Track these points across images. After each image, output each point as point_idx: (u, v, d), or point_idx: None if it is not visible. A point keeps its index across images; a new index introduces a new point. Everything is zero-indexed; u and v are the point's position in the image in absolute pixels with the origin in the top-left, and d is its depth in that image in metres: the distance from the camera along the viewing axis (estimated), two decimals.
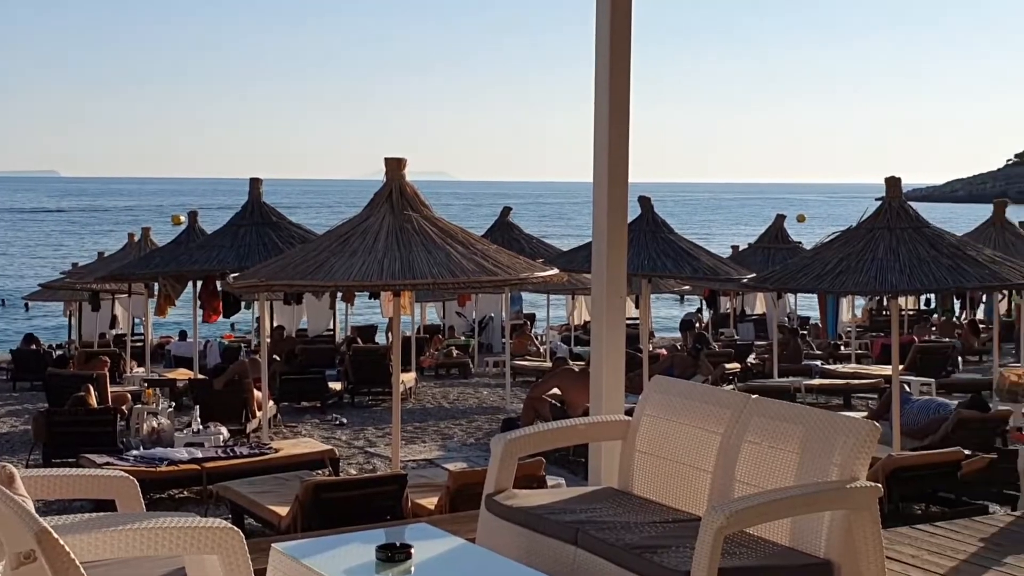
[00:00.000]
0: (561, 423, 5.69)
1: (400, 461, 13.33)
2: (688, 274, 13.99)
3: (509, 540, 4.93)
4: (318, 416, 17.23)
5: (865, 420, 4.55)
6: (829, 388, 18.35)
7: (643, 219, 13.97)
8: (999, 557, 6.14)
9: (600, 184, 5.89)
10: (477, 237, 9.32)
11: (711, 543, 4.04)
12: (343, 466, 12.85)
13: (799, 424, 4.67)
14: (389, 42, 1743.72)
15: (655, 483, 5.26)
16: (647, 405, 5.41)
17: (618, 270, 5.96)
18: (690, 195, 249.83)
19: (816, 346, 25.88)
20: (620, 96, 5.84)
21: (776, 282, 10.38)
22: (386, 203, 9.15)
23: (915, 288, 9.75)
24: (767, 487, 4.60)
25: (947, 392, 18.18)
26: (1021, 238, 16.59)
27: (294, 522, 8.53)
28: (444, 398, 19.38)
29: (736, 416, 4.96)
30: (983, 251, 10.29)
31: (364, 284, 8.62)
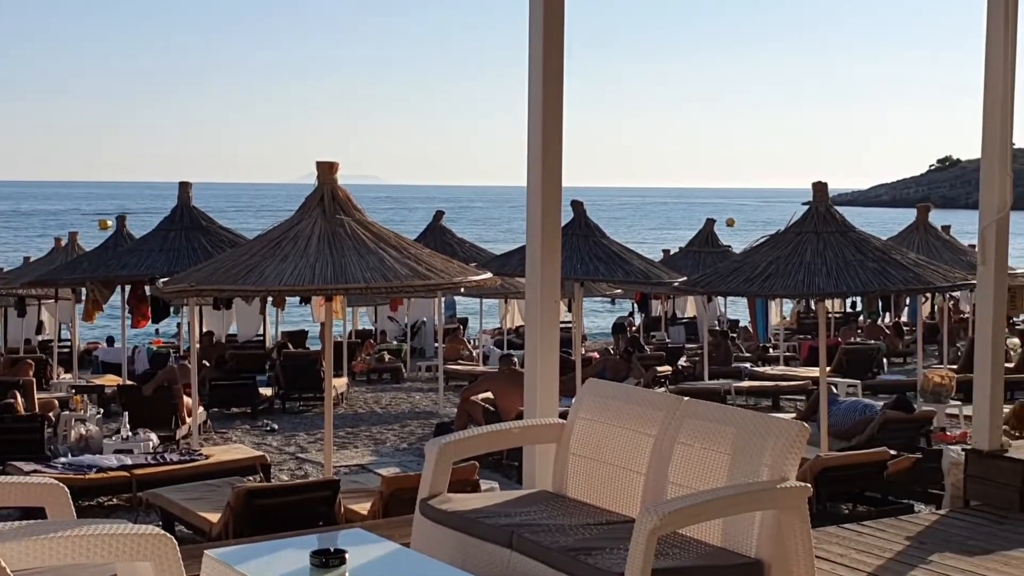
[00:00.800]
0: (495, 427, 5.72)
1: (332, 467, 13.29)
2: (621, 278, 14.10)
3: (444, 544, 4.94)
4: (249, 422, 17.07)
5: (795, 421, 4.62)
6: (758, 390, 18.59)
7: (575, 223, 14.05)
8: (924, 555, 6.26)
9: (534, 188, 5.92)
10: (410, 241, 9.32)
11: (644, 544, 4.08)
12: (275, 472, 12.76)
13: (731, 425, 4.74)
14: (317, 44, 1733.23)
15: (589, 486, 5.30)
16: (581, 408, 5.45)
17: (553, 273, 5.99)
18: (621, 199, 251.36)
19: (745, 348, 26.18)
20: (553, 101, 5.87)
21: (707, 285, 10.52)
22: (318, 207, 9.13)
23: (841, 291, 9.94)
24: (699, 488, 4.66)
25: (873, 393, 18.51)
26: (944, 242, 16.97)
27: (225, 529, 8.45)
28: (376, 403, 19.31)
29: (669, 418, 5.01)
30: (907, 254, 10.52)
31: (296, 289, 8.58)
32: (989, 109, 7.18)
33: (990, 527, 6.86)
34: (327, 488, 8.72)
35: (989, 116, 7.19)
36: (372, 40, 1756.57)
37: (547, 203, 5.90)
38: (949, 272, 10.49)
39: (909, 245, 15.66)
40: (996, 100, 7.14)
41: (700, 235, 21.86)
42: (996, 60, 7.13)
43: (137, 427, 12.55)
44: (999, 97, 7.13)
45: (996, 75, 7.14)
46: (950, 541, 6.54)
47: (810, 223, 10.48)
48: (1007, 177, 7.11)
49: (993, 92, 7.16)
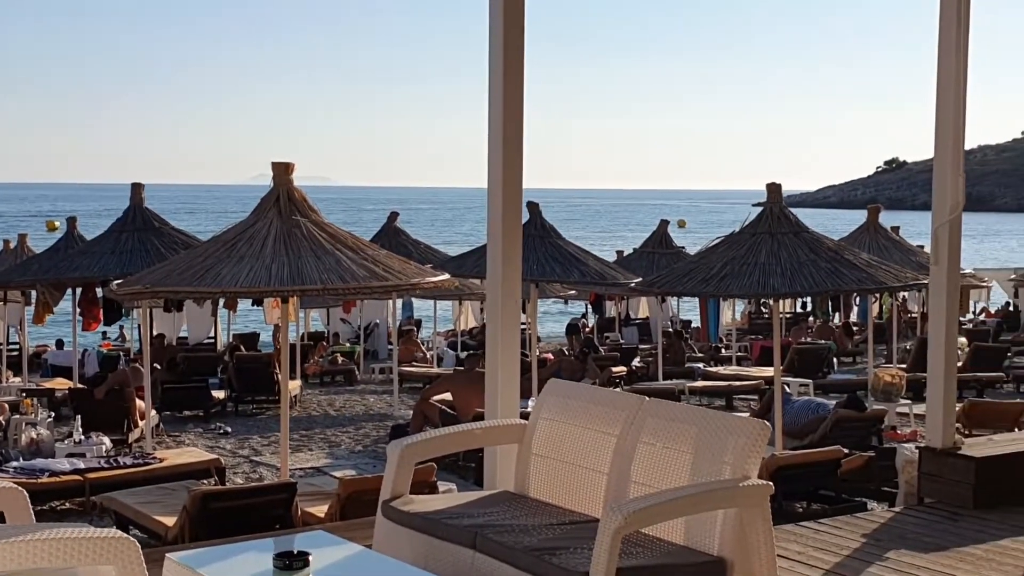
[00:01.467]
0: (458, 428, 5.71)
1: (288, 469, 13.21)
2: (576, 279, 14.14)
3: (407, 546, 4.93)
4: (201, 425, 16.93)
5: (756, 420, 4.66)
6: (712, 390, 18.71)
7: (531, 224, 14.06)
8: (881, 552, 6.33)
9: (495, 189, 5.92)
10: (367, 242, 9.30)
11: (609, 543, 4.10)
12: (229, 476, 12.65)
13: (692, 424, 4.76)
14: (268, 44, 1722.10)
15: (551, 486, 5.30)
16: (543, 408, 5.46)
17: (513, 274, 5.99)
18: (573, 201, 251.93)
19: (698, 349, 26.35)
20: (513, 102, 5.88)
21: (663, 286, 10.57)
22: (273, 208, 9.08)
23: (796, 291, 10.04)
24: (662, 487, 4.68)
25: (824, 392, 18.68)
26: (894, 242, 17.17)
27: (181, 532, 8.39)
28: (330, 405, 19.22)
29: (631, 418, 5.03)
30: (860, 255, 10.63)
31: (252, 291, 8.53)
32: (942, 111, 7.28)
33: (944, 524, 6.96)
34: (284, 491, 8.68)
35: (941, 118, 7.29)
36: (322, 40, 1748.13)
37: (507, 204, 5.91)
38: (901, 272, 10.62)
39: (860, 245, 15.82)
40: (948, 102, 7.24)
41: (654, 236, 21.96)
42: (948, 62, 7.22)
43: (89, 431, 12.40)
44: (951, 99, 7.22)
45: (948, 77, 7.24)
46: (906, 538, 6.62)
47: (764, 224, 10.56)
48: (959, 178, 7.20)
49: (945, 94, 7.26)
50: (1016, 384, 21.23)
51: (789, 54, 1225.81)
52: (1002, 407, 14.34)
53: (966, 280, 25.72)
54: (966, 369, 20.46)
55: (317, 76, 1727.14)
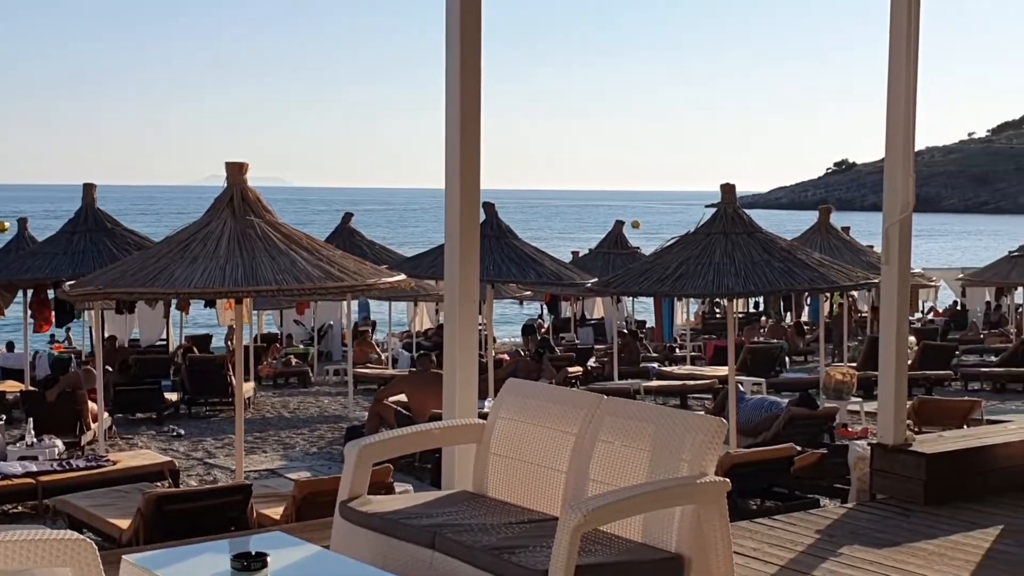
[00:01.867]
0: (416, 428, 5.70)
1: (242, 471, 13.13)
2: (533, 279, 14.17)
3: (365, 546, 4.92)
4: (154, 428, 16.80)
5: (713, 418, 4.70)
6: (666, 389, 18.81)
7: (487, 225, 14.08)
8: (834, 548, 6.40)
9: (452, 190, 5.93)
10: (322, 243, 9.27)
11: (568, 542, 4.12)
12: (183, 478, 12.57)
13: (650, 423, 4.80)
14: (222, 44, 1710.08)
15: (510, 485, 5.32)
16: (501, 408, 5.47)
17: (471, 274, 6.00)
18: (531, 202, 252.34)
19: (652, 349, 26.49)
20: (471, 103, 5.88)
21: (619, 286, 10.62)
22: (227, 208, 9.03)
23: (750, 291, 10.13)
24: (620, 485, 4.71)
25: (776, 391, 18.86)
26: (844, 242, 17.38)
27: (136, 535, 8.33)
28: (284, 407, 19.12)
29: (589, 416, 5.05)
30: (812, 255, 10.74)
31: (206, 291, 8.48)
32: (892, 113, 7.38)
33: (896, 520, 7.04)
34: (239, 492, 8.64)
35: (892, 120, 7.38)
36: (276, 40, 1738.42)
37: (465, 204, 5.91)
38: (852, 271, 10.74)
39: (812, 246, 16.00)
40: (899, 105, 7.34)
41: (609, 237, 22.06)
42: (899, 65, 7.32)
43: (41, 433, 12.27)
44: (902, 102, 7.32)
45: (899, 80, 7.34)
46: (858, 534, 6.70)
47: (719, 224, 10.65)
48: (909, 178, 7.30)
49: (896, 97, 7.35)
50: (964, 382, 21.53)
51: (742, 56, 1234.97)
52: (951, 404, 14.56)
53: (915, 280, 26.09)
54: (915, 368, 20.73)
55: (272, 77, 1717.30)
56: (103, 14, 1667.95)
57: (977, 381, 21.69)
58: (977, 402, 14.38)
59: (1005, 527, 6.85)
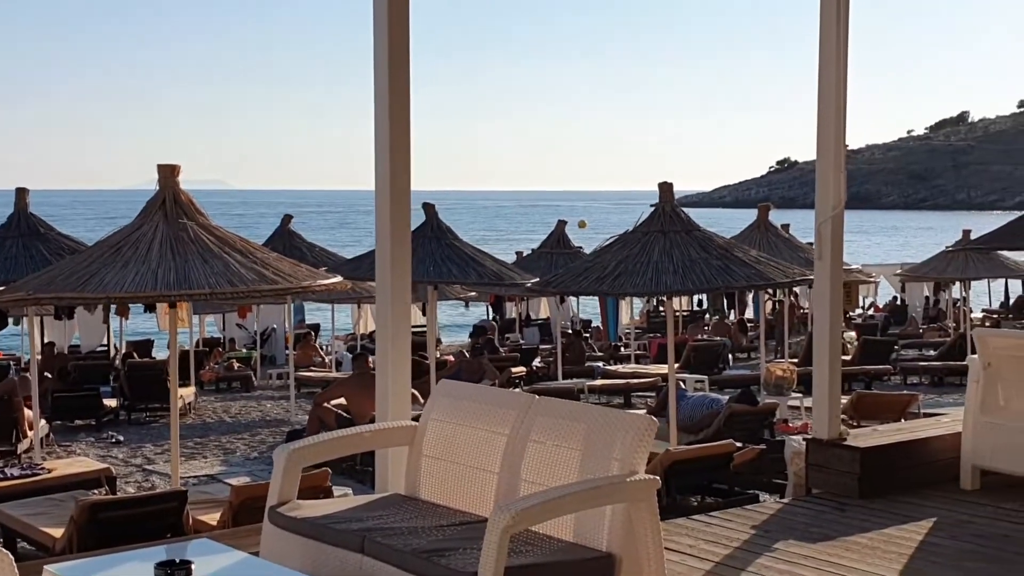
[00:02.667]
0: (346, 431, 5.64)
1: (181, 477, 12.97)
2: (474, 280, 14.13)
3: (294, 552, 4.86)
4: (93, 434, 16.59)
5: (643, 415, 4.69)
6: (611, 388, 18.86)
7: (427, 226, 14.02)
8: (770, 543, 6.44)
9: (382, 192, 5.87)
10: (257, 245, 9.16)
11: (497, 543, 4.09)
12: (121, 485, 12.41)
13: (581, 422, 4.78)
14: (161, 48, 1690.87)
15: (442, 487, 5.28)
16: (434, 409, 5.43)
17: (403, 276, 5.95)
18: (479, 203, 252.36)
19: (598, 348, 26.56)
20: (400, 104, 5.84)
21: (559, 285, 10.62)
22: (159, 211, 8.90)
23: (688, 288, 10.16)
24: (552, 485, 4.69)
25: (719, 388, 18.96)
26: (783, 239, 17.51)
27: (70, 543, 8.19)
28: (226, 412, 18.94)
29: (521, 416, 5.03)
30: (749, 252, 10.80)
31: (137, 296, 8.34)
32: (823, 111, 7.43)
33: (831, 514, 7.10)
34: (174, 499, 8.52)
35: (824, 118, 7.43)
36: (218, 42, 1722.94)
37: (395, 205, 5.86)
38: (788, 268, 10.82)
39: (751, 243, 16.07)
40: (830, 102, 7.39)
41: (552, 237, 22.09)
42: (829, 64, 7.38)
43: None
44: (832, 99, 7.38)
45: (829, 78, 7.39)
46: (794, 529, 6.74)
47: (657, 223, 10.67)
48: (841, 175, 7.35)
49: (827, 94, 7.41)
50: (903, 376, 21.79)
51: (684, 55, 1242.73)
52: (889, 399, 14.72)
53: (854, 275, 26.37)
54: (855, 362, 20.97)
55: (214, 80, 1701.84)
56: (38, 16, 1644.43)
57: (916, 375, 21.97)
58: (915, 396, 14.55)
59: (938, 520, 6.93)
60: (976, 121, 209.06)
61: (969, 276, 23.22)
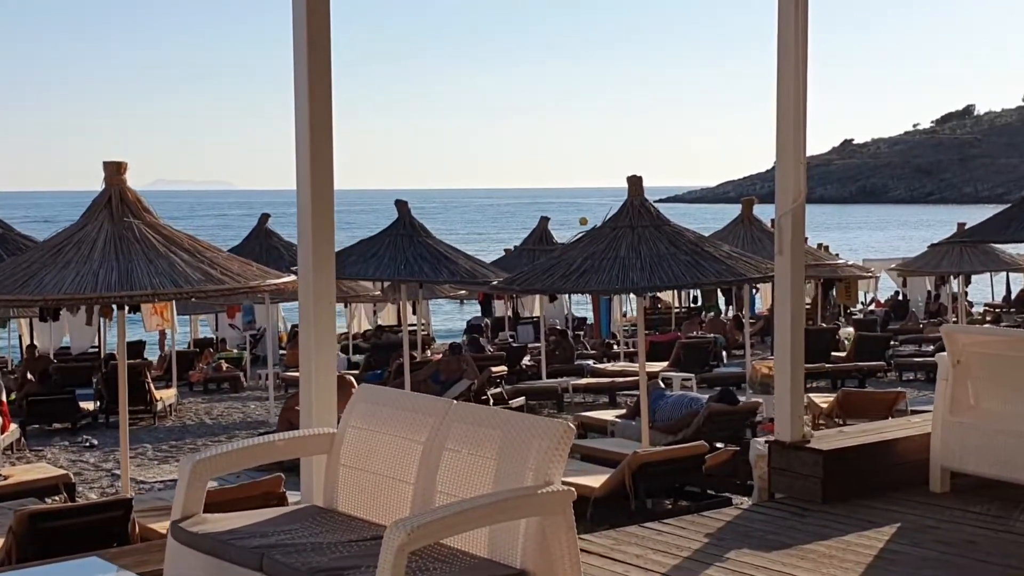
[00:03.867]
0: (258, 440, 5.32)
1: (148, 482, 12.71)
2: (445, 278, 13.83)
3: (197, 569, 4.58)
4: (69, 438, 16.30)
5: (559, 421, 4.38)
6: (595, 387, 18.54)
7: (399, 223, 13.72)
8: (722, 552, 6.12)
9: (303, 185, 5.57)
10: (208, 244, 8.87)
11: (392, 562, 3.80)
12: (84, 491, 12.14)
13: (497, 429, 4.48)
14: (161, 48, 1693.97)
15: (360, 498, 4.98)
16: (352, 416, 5.13)
17: (327, 275, 5.64)
18: (480, 201, 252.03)
19: (591, 345, 26.20)
20: (321, 104, 5.53)
21: (523, 283, 10.30)
22: (104, 210, 8.64)
23: (655, 285, 9.84)
24: (466, 495, 4.39)
25: (708, 386, 18.62)
26: (768, 234, 17.18)
27: (8, 555, 7.90)
28: (207, 414, 18.66)
29: (438, 424, 4.73)
30: (721, 247, 10.46)
31: (76, 297, 8.07)
32: (783, 101, 7.12)
33: (791, 520, 6.78)
34: (119, 508, 8.23)
35: (783, 107, 7.12)
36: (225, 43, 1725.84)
37: (317, 200, 5.55)
38: (761, 264, 10.47)
39: (735, 238, 15.77)
40: (789, 91, 7.08)
41: (534, 234, 21.78)
42: (787, 49, 7.07)
43: None
44: (791, 87, 7.06)
45: (788, 65, 7.08)
46: (750, 537, 6.42)
47: (625, 218, 10.34)
48: (800, 166, 7.04)
49: (785, 83, 7.10)
50: (899, 372, 21.42)
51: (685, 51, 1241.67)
52: (875, 396, 14.40)
53: (851, 271, 26.03)
54: (850, 359, 20.61)
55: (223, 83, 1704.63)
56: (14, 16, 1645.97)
57: (911, 371, 21.61)
58: (901, 393, 14.22)
59: (902, 525, 6.62)
60: (982, 114, 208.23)
61: (965, 270, 22.85)
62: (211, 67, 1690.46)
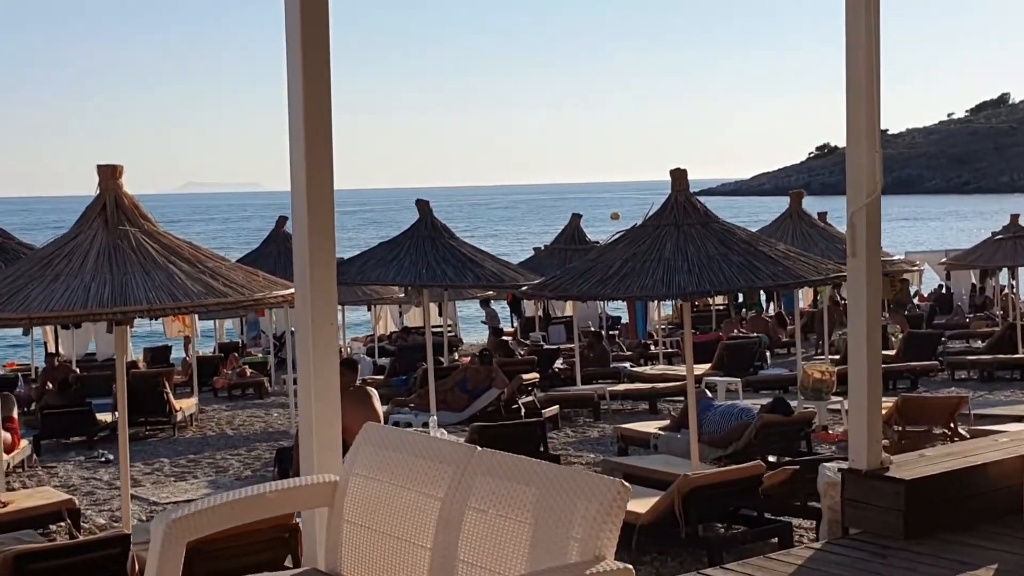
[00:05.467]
0: (243, 493, 4.47)
1: (161, 503, 11.95)
2: (470, 282, 12.97)
3: None
4: (84, 452, 15.59)
5: (612, 480, 3.52)
6: (634, 393, 17.61)
7: (420, 224, 12.89)
8: None
9: (299, 196, 4.73)
10: (210, 253, 8.07)
11: None
12: (92, 515, 11.39)
13: (531, 485, 3.63)
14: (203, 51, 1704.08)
15: (368, 563, 4.15)
16: (357, 461, 4.31)
17: (327, 293, 4.82)
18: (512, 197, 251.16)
19: (626, 346, 25.26)
20: (319, 103, 4.71)
21: (557, 289, 9.41)
22: (99, 218, 7.86)
23: (705, 289, 8.93)
24: (495, 568, 3.55)
25: (754, 390, 17.68)
26: (818, 229, 16.24)
27: None
28: (229, 424, 17.92)
29: (459, 475, 3.89)
30: (776, 246, 9.54)
31: (64, 315, 7.29)
32: (853, 84, 6.26)
33: (871, 561, 5.92)
34: (115, 545, 7.45)
35: (853, 91, 6.27)
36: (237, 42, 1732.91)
37: (314, 204, 4.72)
38: (820, 264, 9.55)
39: (783, 234, 14.85)
40: (860, 74, 6.22)
41: (565, 232, 20.86)
42: (857, 32, 6.19)
43: None
44: (863, 70, 6.19)
45: (858, 48, 6.21)
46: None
47: (669, 215, 9.42)
48: (876, 155, 6.14)
49: (856, 67, 6.24)
50: (950, 372, 20.40)
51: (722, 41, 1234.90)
52: (936, 402, 13.44)
53: (898, 266, 24.93)
54: (898, 359, 19.57)
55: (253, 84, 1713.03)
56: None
57: (964, 369, 20.58)
58: (963, 398, 13.25)
59: (1000, 565, 5.74)
60: (1017, 103, 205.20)
61: (1019, 263, 21.78)
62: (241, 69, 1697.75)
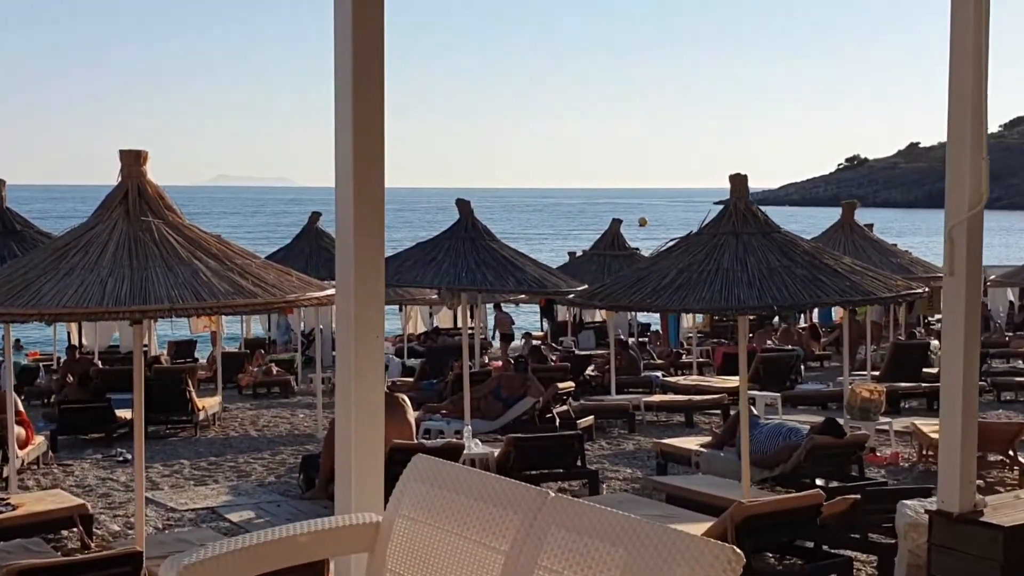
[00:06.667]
0: (270, 536, 3.87)
1: (179, 510, 11.40)
2: (512, 287, 12.37)
3: None
4: (102, 450, 15.07)
5: (722, 546, 2.91)
6: (670, 405, 16.98)
7: (461, 226, 12.30)
8: None
9: (344, 204, 4.16)
10: (239, 249, 7.48)
11: None
12: (107, 520, 10.86)
13: (619, 545, 3.03)
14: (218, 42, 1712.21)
15: None
16: (403, 501, 3.70)
17: (373, 305, 4.25)
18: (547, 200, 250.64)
19: (657, 354, 24.61)
20: (369, 103, 4.14)
21: (607, 298, 8.79)
22: (119, 207, 7.29)
23: (767, 304, 8.30)
24: None
25: (792, 405, 17.07)
26: (871, 242, 15.59)
27: None
28: (253, 424, 17.38)
29: (528, 525, 3.28)
30: (842, 259, 8.89)
31: (77, 312, 6.73)
32: (957, 87, 5.61)
33: None
34: (125, 563, 6.90)
35: (957, 93, 5.62)
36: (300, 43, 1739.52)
37: (361, 206, 4.14)
38: (889, 279, 8.91)
39: (835, 245, 14.22)
40: (965, 70, 5.60)
41: (605, 237, 20.22)
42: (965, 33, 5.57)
43: None
44: (969, 65, 5.57)
45: (964, 39, 5.57)
46: None
47: (728, 223, 8.79)
48: (982, 163, 5.51)
49: (962, 61, 5.60)
50: (996, 392, 19.66)
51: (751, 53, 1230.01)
52: (996, 428, 12.77)
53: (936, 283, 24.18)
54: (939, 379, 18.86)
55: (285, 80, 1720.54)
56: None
57: (1011, 391, 19.85)
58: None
59: None
60: None
61: None
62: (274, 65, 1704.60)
